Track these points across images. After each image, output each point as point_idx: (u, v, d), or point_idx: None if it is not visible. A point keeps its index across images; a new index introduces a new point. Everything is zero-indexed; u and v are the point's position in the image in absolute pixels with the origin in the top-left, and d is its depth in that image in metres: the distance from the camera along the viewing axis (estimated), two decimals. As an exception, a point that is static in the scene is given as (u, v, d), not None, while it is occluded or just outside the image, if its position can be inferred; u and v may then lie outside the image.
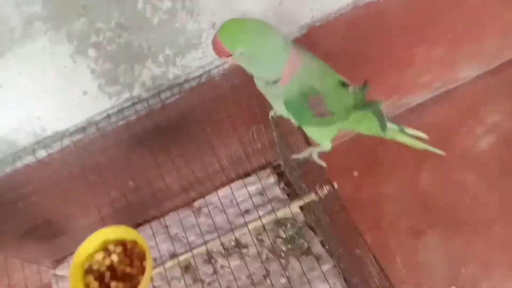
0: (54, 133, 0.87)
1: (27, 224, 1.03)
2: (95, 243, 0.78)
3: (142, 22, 0.74)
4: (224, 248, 1.33)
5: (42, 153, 0.88)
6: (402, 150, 1.54)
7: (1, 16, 0.63)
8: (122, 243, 0.79)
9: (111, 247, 0.78)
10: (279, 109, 0.72)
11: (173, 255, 1.08)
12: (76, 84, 0.79)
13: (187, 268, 1.31)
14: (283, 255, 1.30)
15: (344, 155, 1.57)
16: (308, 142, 0.90)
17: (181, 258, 1.00)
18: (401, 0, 1.01)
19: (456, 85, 1.60)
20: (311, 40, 0.97)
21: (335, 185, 0.91)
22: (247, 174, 1.39)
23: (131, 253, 0.77)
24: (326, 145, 0.82)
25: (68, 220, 1.16)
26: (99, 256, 0.77)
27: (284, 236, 1.32)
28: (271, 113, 0.88)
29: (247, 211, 1.35)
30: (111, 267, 0.77)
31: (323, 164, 0.86)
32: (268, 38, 0.60)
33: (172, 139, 1.03)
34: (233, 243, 1.33)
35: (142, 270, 0.76)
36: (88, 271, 0.77)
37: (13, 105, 0.77)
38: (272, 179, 1.41)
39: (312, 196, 1.04)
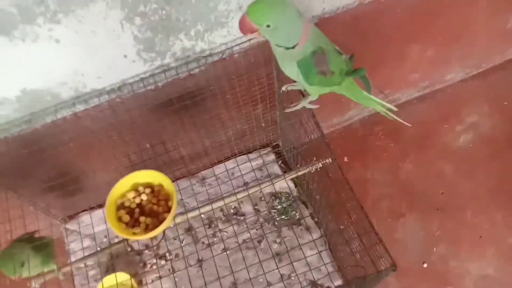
0: (92, 90, 0.99)
1: (53, 173, 1.14)
2: (127, 184, 0.91)
3: (182, -2, 0.87)
4: (223, 215, 1.46)
5: (80, 107, 1.00)
6: (389, 141, 1.72)
7: (70, -18, 0.76)
8: (150, 185, 0.92)
9: (140, 188, 0.91)
10: (291, 70, 0.85)
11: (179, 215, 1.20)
12: (120, 47, 0.92)
13: (188, 230, 1.44)
14: (276, 224, 1.43)
15: (337, 141, 1.73)
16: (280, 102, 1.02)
17: (184, 217, 1.08)
18: (401, 1, 1.16)
19: (442, 86, 1.77)
20: (320, 29, 1.11)
21: (345, 159, 1.02)
22: (249, 150, 1.53)
23: (158, 194, 0.90)
24: (314, 97, 0.96)
25: (87, 176, 1.28)
26: (130, 195, 0.90)
27: (278, 207, 1.46)
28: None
29: (246, 184, 1.48)
30: (140, 205, 0.90)
31: (315, 107, 1.00)
32: (288, 12, 0.74)
33: (190, 108, 1.16)
34: (232, 211, 1.47)
35: (167, 209, 0.89)
36: (120, 207, 0.90)
37: (65, 61, 0.89)
38: (272, 157, 1.55)
39: (307, 169, 1.17)
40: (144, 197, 0.90)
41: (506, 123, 1.69)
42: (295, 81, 0.95)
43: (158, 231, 0.85)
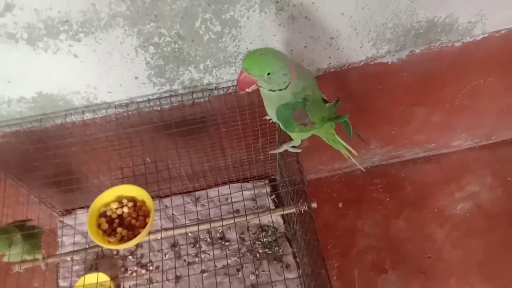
0: (102, 102, 1.08)
1: (57, 169, 1.22)
2: (112, 195, 0.97)
3: (195, 36, 0.95)
4: (210, 237, 1.51)
5: (88, 116, 1.09)
6: (386, 195, 1.74)
7: (95, 9, 0.84)
8: (133, 200, 0.98)
9: (124, 201, 0.97)
10: (274, 117, 0.90)
11: (165, 230, 1.25)
12: (132, 70, 1.00)
13: (173, 245, 1.49)
14: (258, 256, 1.47)
15: (335, 186, 1.76)
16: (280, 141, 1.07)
17: (171, 232, 1.13)
18: (409, 65, 1.20)
19: (449, 151, 1.78)
20: (325, 81, 1.17)
21: (313, 205, 1.05)
22: (246, 180, 1.58)
23: (139, 210, 0.97)
24: (296, 142, 1.03)
25: (87, 178, 1.36)
26: (114, 205, 0.96)
27: (263, 240, 1.50)
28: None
29: (237, 211, 1.53)
30: (120, 216, 0.96)
31: (298, 151, 1.06)
32: (282, 59, 0.79)
33: (192, 132, 1.23)
34: (218, 235, 1.52)
35: (144, 225, 0.95)
36: (102, 214, 0.96)
37: (80, 73, 0.98)
38: (265, 190, 1.59)
39: (292, 210, 1.21)
40: (126, 209, 0.96)
41: (507, 199, 1.68)
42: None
43: (131, 243, 0.90)
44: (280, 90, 0.82)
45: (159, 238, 1.41)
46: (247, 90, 0.81)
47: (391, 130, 1.53)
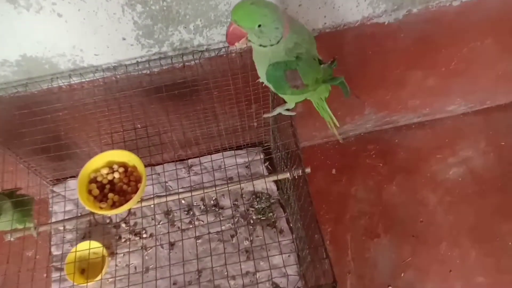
0: (89, 65, 1.04)
1: (45, 136, 1.18)
2: (103, 160, 0.95)
3: (184, -7, 0.91)
4: (203, 205, 1.50)
5: (75, 80, 1.05)
6: (379, 161, 1.74)
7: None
8: (124, 165, 0.96)
9: (115, 166, 0.95)
10: (264, 78, 0.86)
11: (158, 196, 1.24)
12: (119, 30, 0.96)
13: (167, 213, 1.49)
14: (252, 222, 1.47)
15: (328, 153, 1.75)
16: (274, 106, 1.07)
17: (164, 199, 1.13)
18: (405, 26, 1.17)
19: (443, 116, 1.77)
20: (319, 43, 1.13)
21: (307, 170, 1.04)
22: (239, 147, 1.56)
23: (130, 175, 0.95)
24: (291, 104, 0.99)
25: (76, 144, 1.33)
26: (104, 171, 0.94)
27: (257, 206, 1.49)
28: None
29: (230, 178, 1.52)
30: (111, 182, 0.94)
31: (292, 113, 1.03)
32: (274, 11, 0.74)
33: (183, 97, 1.20)
34: (212, 202, 1.51)
35: (135, 190, 0.93)
36: (92, 180, 0.94)
37: (65, 35, 0.94)
38: (259, 157, 1.58)
39: (286, 175, 1.21)
40: (116, 175, 0.94)
41: (500, 164, 1.68)
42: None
43: (122, 209, 0.89)
44: (271, 45, 0.77)
45: (152, 205, 1.41)
46: (236, 44, 0.77)
47: (385, 95, 1.51)
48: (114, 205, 0.91)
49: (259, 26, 0.73)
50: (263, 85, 1.22)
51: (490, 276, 1.49)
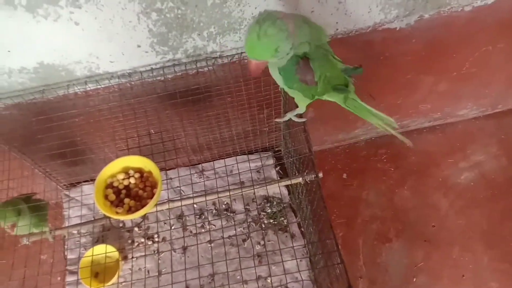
0: (105, 72, 1.06)
1: (60, 141, 1.20)
2: (119, 166, 0.97)
3: (198, 1, 0.92)
4: (215, 209, 1.52)
5: (91, 86, 1.07)
6: (391, 165, 1.73)
7: (94, -28, 0.82)
8: (140, 171, 0.97)
9: (131, 172, 0.97)
10: (276, 76, 0.85)
11: (172, 201, 1.26)
12: (134, 38, 0.97)
13: (179, 217, 1.50)
14: (263, 226, 1.48)
15: (339, 157, 1.76)
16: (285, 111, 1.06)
17: (178, 203, 1.14)
18: (417, 31, 1.17)
19: (454, 120, 1.77)
20: (332, 48, 1.14)
21: (320, 174, 1.04)
22: (250, 152, 1.57)
23: (146, 180, 0.96)
24: (301, 109, 0.97)
25: (91, 150, 1.35)
26: (120, 176, 0.96)
27: (268, 211, 1.50)
28: (277, 119, 1.07)
29: (242, 183, 1.53)
30: (127, 187, 0.96)
31: (303, 120, 1.02)
32: (280, 28, 0.72)
33: (196, 103, 1.21)
34: (224, 206, 1.52)
35: (151, 195, 0.94)
36: (109, 185, 0.96)
37: (82, 42, 0.95)
38: (271, 161, 1.59)
39: (299, 180, 1.21)
40: (132, 180, 0.95)
41: (511, 168, 1.67)
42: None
43: (139, 214, 0.90)
44: (287, 54, 0.77)
45: (165, 209, 1.42)
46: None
47: (396, 100, 1.52)
48: (130, 210, 0.93)
49: (276, 50, 0.74)
50: (275, 90, 1.23)
51: (503, 281, 1.48)
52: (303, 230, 1.46)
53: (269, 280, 1.38)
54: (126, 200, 0.94)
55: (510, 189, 1.63)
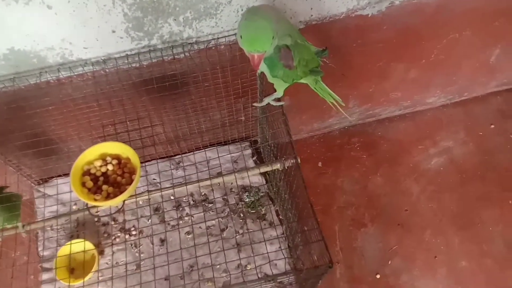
0: (78, 59, 1.03)
1: (32, 132, 1.17)
2: (96, 153, 0.95)
3: (174, -15, 0.92)
4: (192, 200, 1.51)
5: (64, 74, 1.04)
6: (363, 153, 1.77)
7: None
8: (118, 157, 0.96)
9: (108, 158, 0.95)
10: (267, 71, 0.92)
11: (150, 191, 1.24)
12: (109, 22, 0.96)
13: (156, 210, 1.48)
14: (242, 215, 1.48)
15: (314, 146, 1.78)
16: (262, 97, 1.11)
17: (156, 194, 1.12)
18: (388, 18, 1.21)
19: (423, 108, 1.82)
20: (307, 35, 1.15)
21: (299, 160, 1.06)
22: (227, 142, 1.57)
23: (124, 167, 0.95)
24: (279, 93, 1.03)
25: (65, 142, 1.32)
26: (98, 163, 0.94)
27: (247, 200, 1.51)
28: (257, 104, 1.11)
29: (219, 173, 1.53)
30: (105, 174, 0.94)
31: (282, 103, 1.06)
32: (269, 21, 0.80)
33: (172, 90, 1.20)
34: (201, 197, 1.51)
35: (130, 182, 0.93)
36: (86, 173, 0.94)
37: (54, 27, 0.93)
38: (248, 151, 1.59)
39: (277, 165, 1.22)
40: (110, 167, 0.94)
41: (479, 153, 1.74)
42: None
43: (118, 200, 0.89)
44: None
45: (142, 201, 1.40)
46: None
47: (369, 88, 1.55)
48: (108, 197, 0.91)
49: (273, 38, 0.80)
50: (252, 78, 1.23)
51: (473, 260, 1.54)
52: (281, 217, 1.48)
53: (249, 268, 1.38)
54: (104, 187, 0.92)
55: (478, 173, 1.70)
